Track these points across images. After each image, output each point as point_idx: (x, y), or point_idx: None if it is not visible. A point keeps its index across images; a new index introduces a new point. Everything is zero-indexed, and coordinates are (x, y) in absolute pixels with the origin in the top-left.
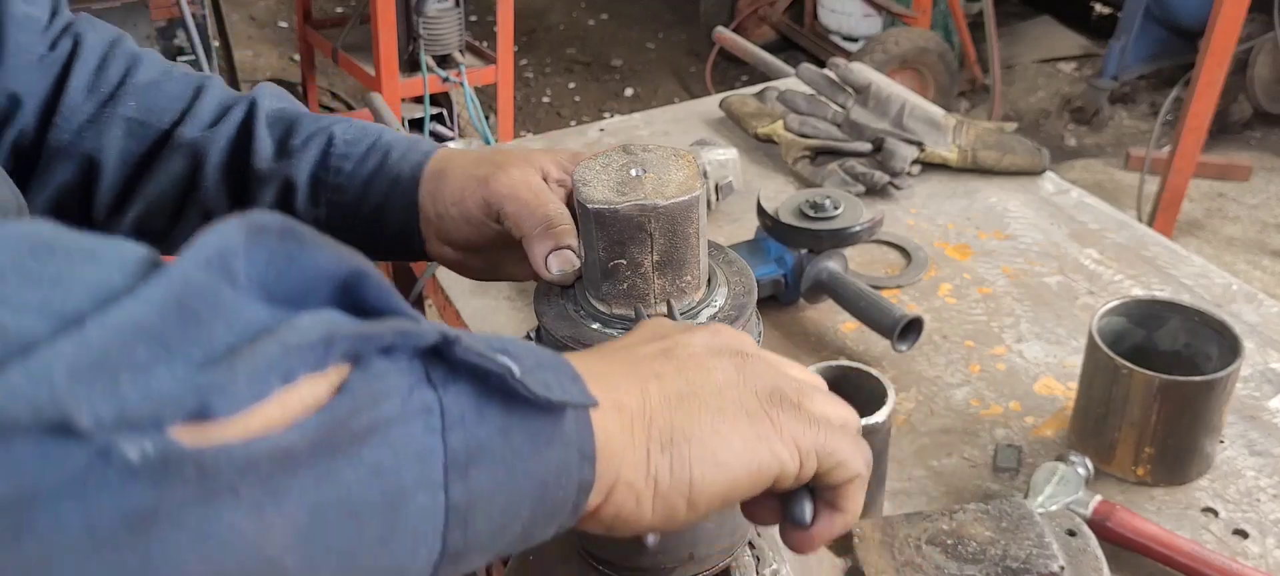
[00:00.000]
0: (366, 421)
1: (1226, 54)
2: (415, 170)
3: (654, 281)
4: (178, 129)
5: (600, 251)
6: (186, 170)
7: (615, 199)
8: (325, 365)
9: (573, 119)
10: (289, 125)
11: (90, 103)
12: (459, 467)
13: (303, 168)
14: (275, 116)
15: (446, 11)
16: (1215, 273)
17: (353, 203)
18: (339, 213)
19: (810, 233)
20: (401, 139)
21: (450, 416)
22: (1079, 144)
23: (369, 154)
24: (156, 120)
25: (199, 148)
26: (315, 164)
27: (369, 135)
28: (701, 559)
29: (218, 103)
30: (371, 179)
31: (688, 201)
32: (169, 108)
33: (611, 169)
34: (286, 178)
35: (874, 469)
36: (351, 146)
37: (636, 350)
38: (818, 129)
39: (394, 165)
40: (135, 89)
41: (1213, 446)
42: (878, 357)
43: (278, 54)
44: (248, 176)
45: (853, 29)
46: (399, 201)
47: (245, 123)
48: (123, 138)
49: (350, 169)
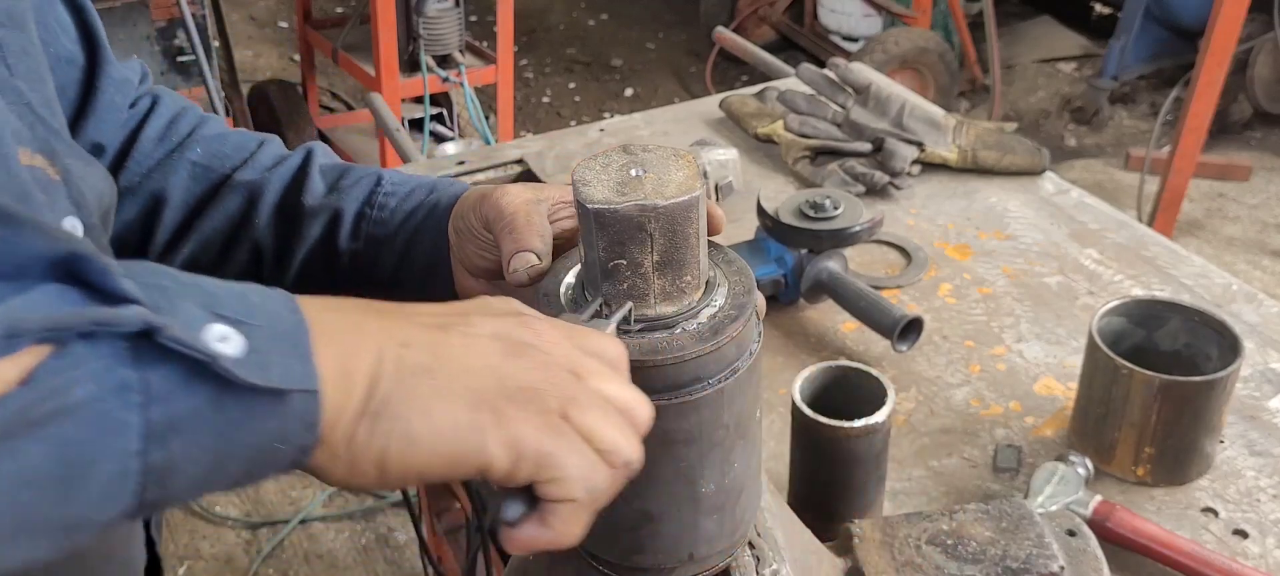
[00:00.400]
0: (55, 404)
1: (1226, 54)
2: (451, 200)
3: (654, 281)
4: (237, 172)
5: (600, 251)
6: (242, 207)
7: (615, 199)
8: (15, 350)
9: (573, 119)
10: (341, 171)
11: (160, 149)
12: (158, 437)
13: (350, 203)
14: (329, 166)
15: (446, 11)
16: (1215, 273)
17: (388, 236)
18: (374, 245)
19: (810, 233)
20: (447, 180)
21: (154, 392)
22: (1079, 144)
23: (414, 192)
24: (219, 165)
25: (256, 187)
26: (362, 200)
27: (417, 178)
28: (701, 559)
29: (276, 153)
30: (412, 213)
31: (688, 201)
32: (232, 155)
33: (611, 169)
34: (335, 210)
35: (874, 469)
36: (399, 186)
37: (415, 316)
38: (818, 129)
39: (432, 200)
40: (202, 139)
41: (1213, 446)
42: (878, 357)
43: (278, 54)
44: (299, 212)
45: (853, 29)
46: (430, 231)
47: (302, 166)
48: (187, 180)
49: (394, 205)
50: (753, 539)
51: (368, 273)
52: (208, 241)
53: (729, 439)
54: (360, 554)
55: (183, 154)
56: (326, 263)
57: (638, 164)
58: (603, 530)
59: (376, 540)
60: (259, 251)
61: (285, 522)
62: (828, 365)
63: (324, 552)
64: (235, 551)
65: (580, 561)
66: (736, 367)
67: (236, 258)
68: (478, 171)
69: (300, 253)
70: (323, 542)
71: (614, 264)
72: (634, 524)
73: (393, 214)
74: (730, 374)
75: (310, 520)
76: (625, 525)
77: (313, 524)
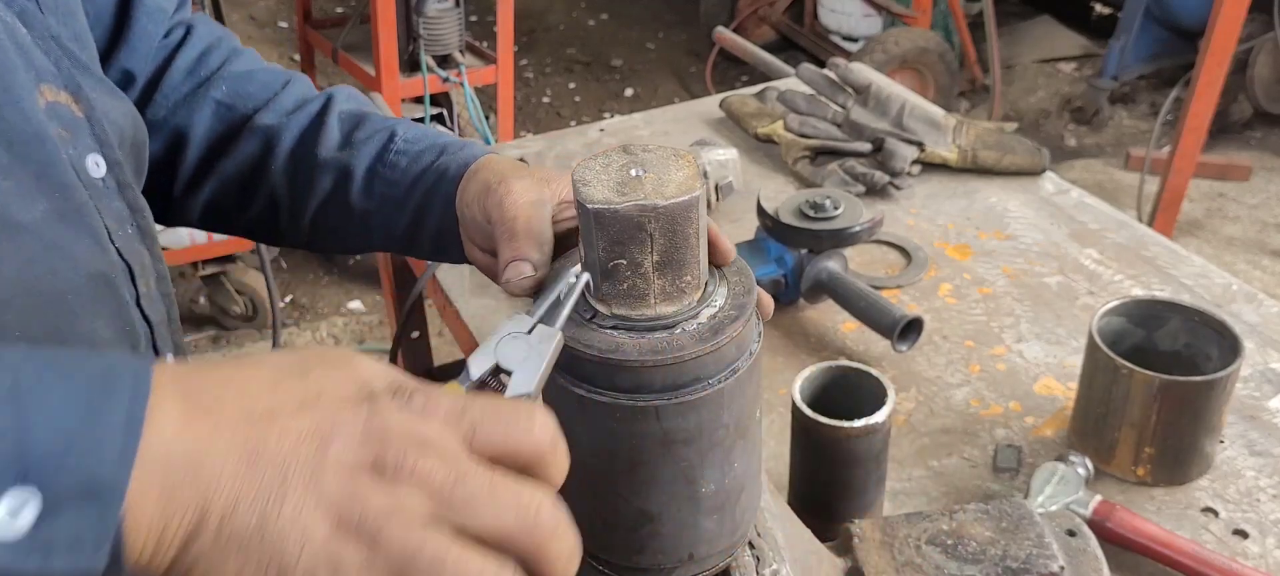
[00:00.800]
0: None
1: (1226, 54)
2: (460, 169)
3: (654, 281)
4: (258, 114)
5: (600, 251)
6: (259, 153)
7: (615, 199)
8: None
9: (573, 119)
10: (357, 120)
11: (187, 83)
12: None
13: (361, 160)
14: (348, 113)
15: (446, 11)
16: (1215, 273)
17: (401, 197)
18: (387, 205)
19: (810, 233)
20: (456, 142)
21: None
22: (1079, 144)
23: (425, 153)
24: (242, 104)
25: (272, 132)
26: (374, 157)
27: (429, 136)
28: (701, 559)
29: (299, 96)
30: (421, 176)
31: (688, 201)
32: (255, 94)
33: (611, 169)
34: (346, 167)
35: (874, 468)
36: (411, 144)
37: (263, 452)
38: (818, 129)
39: (442, 164)
40: (229, 76)
41: (1213, 446)
42: (878, 357)
43: (278, 54)
44: (312, 163)
45: (853, 29)
46: (440, 199)
47: (320, 114)
48: (210, 118)
49: (405, 165)
50: (753, 539)
51: (384, 230)
52: (227, 184)
53: (729, 439)
54: None
55: (208, 90)
56: (341, 216)
57: (638, 164)
58: (603, 530)
59: None
60: (275, 199)
61: None
62: (828, 365)
63: None
64: None
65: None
66: (736, 367)
67: (255, 202)
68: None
69: (312, 205)
70: None
71: (614, 264)
72: (634, 524)
73: (403, 174)
74: (730, 374)
75: None
76: (625, 525)
77: None
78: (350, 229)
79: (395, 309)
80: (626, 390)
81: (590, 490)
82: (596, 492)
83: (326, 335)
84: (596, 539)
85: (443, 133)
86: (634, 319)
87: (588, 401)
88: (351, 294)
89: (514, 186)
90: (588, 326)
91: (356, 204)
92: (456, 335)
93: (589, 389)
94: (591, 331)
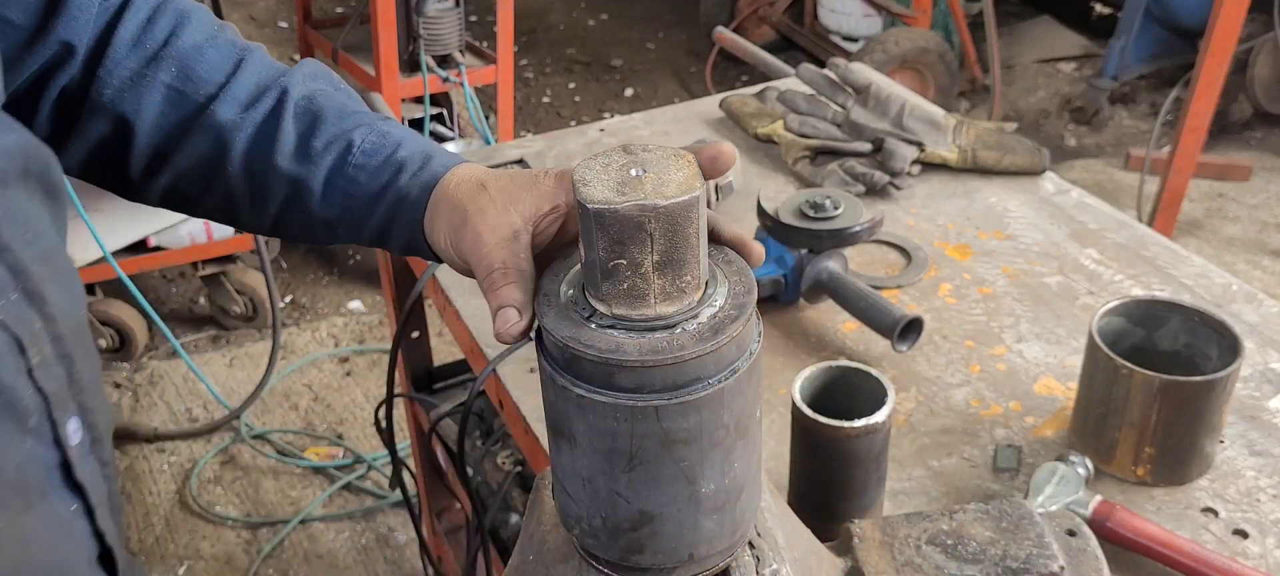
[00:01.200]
0: None
1: (1226, 54)
2: (423, 193)
3: (654, 281)
4: (212, 105)
5: (600, 251)
6: (214, 152)
7: (615, 199)
8: None
9: (573, 119)
10: (314, 120)
11: (134, 58)
12: None
13: (318, 173)
14: (304, 106)
15: (446, 11)
16: (1215, 272)
17: (363, 209)
18: (351, 215)
19: (810, 233)
20: (416, 154)
21: None
22: (1079, 144)
23: (383, 167)
24: (194, 91)
25: (226, 132)
26: (331, 169)
27: (387, 146)
28: (701, 559)
29: (254, 82)
30: (381, 193)
31: (688, 201)
32: (208, 78)
33: (611, 169)
34: (304, 179)
35: (874, 469)
36: (369, 157)
37: None
38: (818, 129)
39: (403, 186)
40: (178, 53)
41: (1213, 446)
42: (878, 357)
43: (278, 54)
44: (269, 169)
45: (853, 29)
46: (405, 222)
47: (273, 112)
48: (160, 104)
49: (364, 179)
50: (753, 539)
51: (351, 235)
52: (185, 176)
53: (729, 439)
54: (360, 554)
55: (156, 72)
56: (303, 220)
57: (638, 164)
58: (603, 530)
59: (376, 540)
60: (234, 196)
61: (285, 522)
62: (828, 365)
63: (324, 552)
64: (235, 551)
65: (580, 561)
66: (736, 367)
67: (214, 195)
68: None
69: (272, 208)
70: (323, 542)
71: (614, 264)
72: (634, 524)
73: (363, 188)
74: (730, 374)
75: (310, 520)
76: (625, 525)
77: (313, 524)
78: (315, 232)
79: (395, 309)
80: (626, 390)
81: (590, 490)
82: (596, 492)
83: (326, 335)
84: (596, 539)
85: (403, 138)
86: (634, 319)
87: (588, 401)
88: (352, 294)
89: (483, 227)
90: (588, 326)
91: (318, 212)
92: (456, 335)
93: (589, 389)
94: (591, 331)
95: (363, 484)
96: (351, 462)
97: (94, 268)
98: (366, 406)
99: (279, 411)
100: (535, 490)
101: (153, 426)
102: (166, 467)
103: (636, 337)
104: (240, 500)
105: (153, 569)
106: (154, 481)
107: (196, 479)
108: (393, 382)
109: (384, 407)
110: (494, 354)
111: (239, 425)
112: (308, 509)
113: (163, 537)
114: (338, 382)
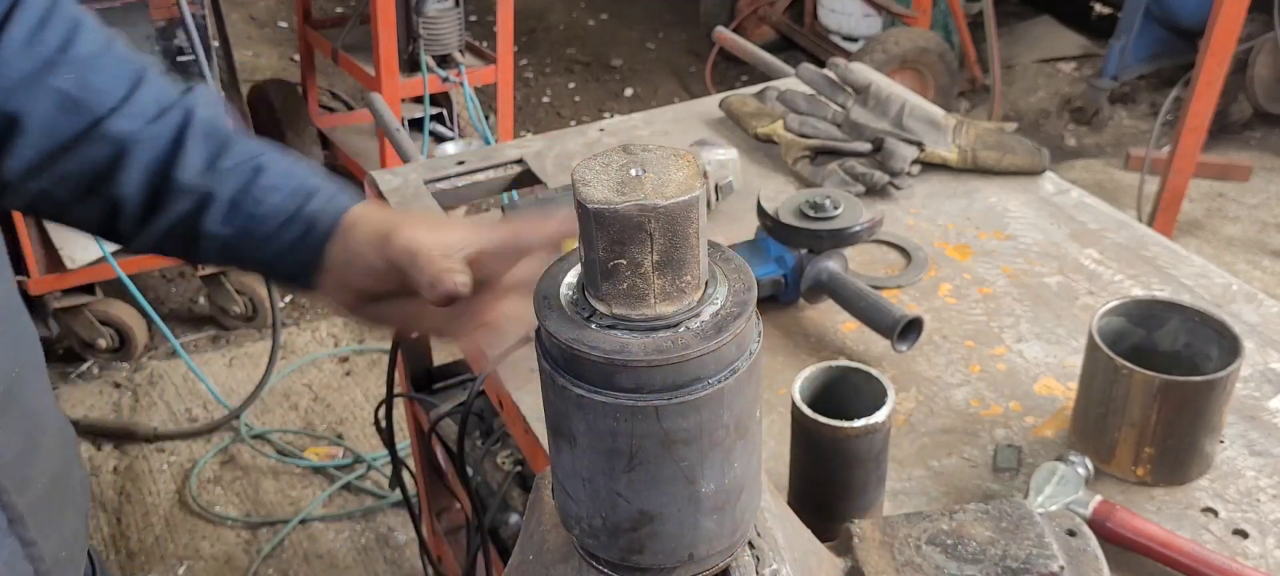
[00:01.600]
0: None
1: (1226, 54)
2: (333, 219)
3: (654, 281)
4: (111, 116)
5: (600, 251)
6: (108, 161)
7: (615, 198)
8: None
9: (573, 119)
10: (223, 142)
11: (26, 59)
12: None
13: (225, 189)
14: (210, 127)
15: (446, 11)
16: (1215, 272)
17: (262, 237)
18: (244, 237)
19: (810, 233)
20: (328, 186)
21: None
22: (1079, 144)
23: (291, 196)
24: (92, 100)
25: (126, 144)
26: (239, 187)
27: (299, 174)
28: (701, 559)
29: (157, 101)
30: (288, 221)
31: (688, 201)
32: (107, 90)
33: (611, 169)
34: (208, 193)
35: (874, 469)
36: (283, 179)
37: None
38: (818, 129)
39: (308, 214)
40: (75, 61)
41: (1213, 446)
42: (878, 357)
43: (278, 54)
44: (169, 185)
45: (853, 29)
46: (301, 251)
47: (180, 130)
48: (52, 109)
49: (276, 201)
50: (753, 539)
51: (235, 258)
52: (65, 180)
53: (729, 439)
54: (360, 554)
55: (49, 77)
56: (189, 237)
57: (638, 164)
58: (603, 530)
59: (376, 540)
60: (118, 206)
61: (285, 522)
62: (828, 365)
63: (324, 552)
64: (235, 551)
65: (580, 561)
66: (737, 367)
67: (95, 204)
68: (477, 171)
69: (163, 223)
70: (322, 542)
71: (614, 264)
72: (634, 524)
73: (269, 213)
74: (730, 373)
75: (310, 520)
76: (625, 525)
77: (313, 524)
78: (196, 249)
79: None
80: (627, 390)
81: (590, 490)
82: (596, 492)
83: (326, 335)
84: (596, 539)
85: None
86: (634, 319)
87: (587, 401)
88: None
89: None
90: (588, 326)
91: (211, 230)
92: None
93: (589, 389)
94: (592, 331)
95: (362, 484)
96: (351, 462)
97: (94, 267)
98: (366, 406)
99: (279, 411)
100: (535, 490)
101: (152, 426)
102: (166, 467)
103: (640, 338)
104: (240, 500)
105: (152, 568)
106: (154, 481)
107: (196, 479)
108: (392, 382)
109: (384, 407)
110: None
111: (239, 425)
112: (307, 509)
113: (162, 537)
114: (337, 382)
